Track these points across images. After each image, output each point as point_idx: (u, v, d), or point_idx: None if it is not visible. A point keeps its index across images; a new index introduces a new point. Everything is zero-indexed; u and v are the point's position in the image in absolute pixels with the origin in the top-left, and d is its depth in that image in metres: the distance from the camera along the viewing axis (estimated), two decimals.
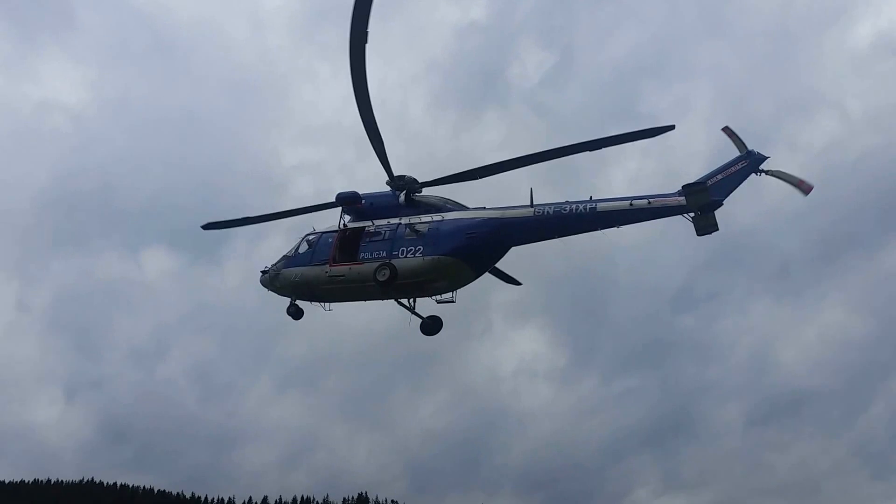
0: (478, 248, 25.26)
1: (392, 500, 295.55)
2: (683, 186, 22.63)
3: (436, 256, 25.10)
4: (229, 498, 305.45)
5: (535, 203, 25.48)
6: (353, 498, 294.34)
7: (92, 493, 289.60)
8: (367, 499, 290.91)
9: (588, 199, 24.50)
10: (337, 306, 29.63)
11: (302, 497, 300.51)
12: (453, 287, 26.43)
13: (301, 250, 29.24)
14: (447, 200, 28.54)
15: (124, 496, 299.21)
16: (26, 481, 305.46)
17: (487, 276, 28.66)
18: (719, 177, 23.25)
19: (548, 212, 25.01)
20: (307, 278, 28.14)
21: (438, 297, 27.47)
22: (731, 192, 23.15)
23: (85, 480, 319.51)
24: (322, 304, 29.05)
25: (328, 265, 27.76)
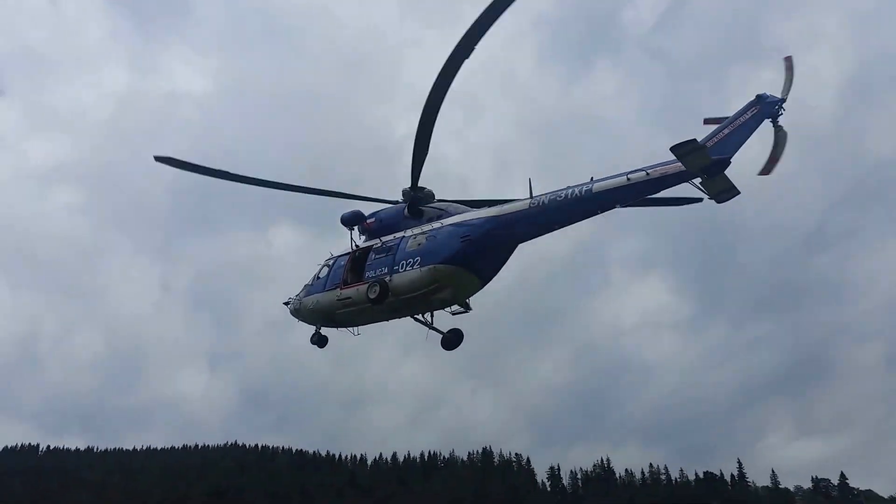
0: (475, 252, 23.34)
1: (515, 454, 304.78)
2: (671, 148, 19.15)
3: (433, 266, 23.41)
4: (361, 455, 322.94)
5: (534, 195, 23.27)
6: (477, 452, 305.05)
7: (235, 455, 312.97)
8: (490, 453, 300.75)
9: (589, 180, 22.11)
10: (367, 329, 27.92)
11: (428, 453, 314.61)
12: (459, 296, 24.62)
13: (320, 276, 28.15)
14: (453, 204, 26.44)
15: (265, 456, 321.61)
16: (176, 447, 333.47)
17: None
18: (726, 131, 19.95)
19: (544, 202, 22.89)
20: (322, 305, 27.15)
21: (452, 310, 25.84)
22: (741, 145, 19.85)
23: (228, 444, 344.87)
24: (349, 328, 27.79)
25: (339, 289, 26.71)
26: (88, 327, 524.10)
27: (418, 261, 24.25)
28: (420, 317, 26.72)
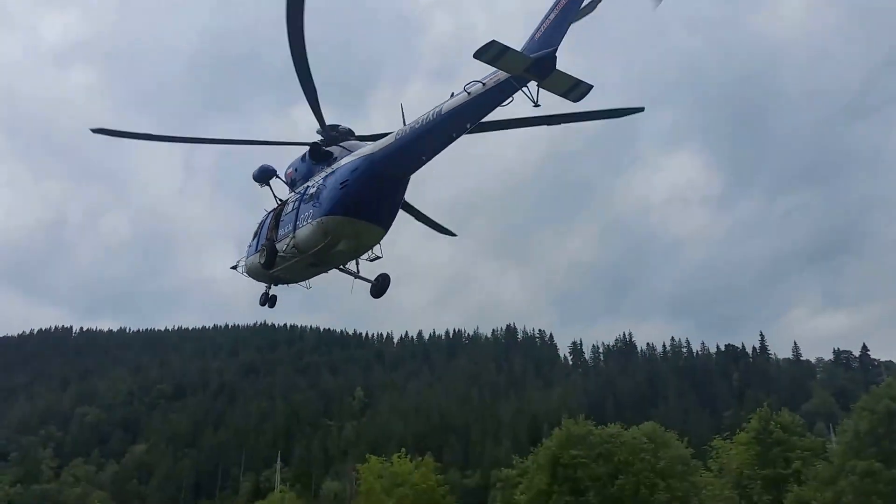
0: (356, 199, 21.02)
1: (539, 330, 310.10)
2: (474, 55, 16.43)
3: (320, 219, 21.47)
4: (387, 333, 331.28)
5: (406, 123, 20.92)
6: (501, 329, 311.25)
7: (266, 334, 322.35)
8: (514, 329, 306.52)
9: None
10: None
11: (453, 330, 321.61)
12: (361, 247, 22.52)
13: (254, 236, 26.63)
14: (359, 142, 23.50)
15: (294, 335, 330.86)
16: (208, 327, 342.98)
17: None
18: (543, 27, 17.19)
19: (405, 133, 20.50)
20: (255, 266, 25.50)
21: (367, 257, 23.87)
22: (565, 33, 16.87)
23: (258, 324, 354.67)
24: (299, 283, 26.03)
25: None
26: (115, 212, 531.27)
27: (311, 214, 22.34)
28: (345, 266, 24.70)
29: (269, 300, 26.60)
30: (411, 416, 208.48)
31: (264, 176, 26.03)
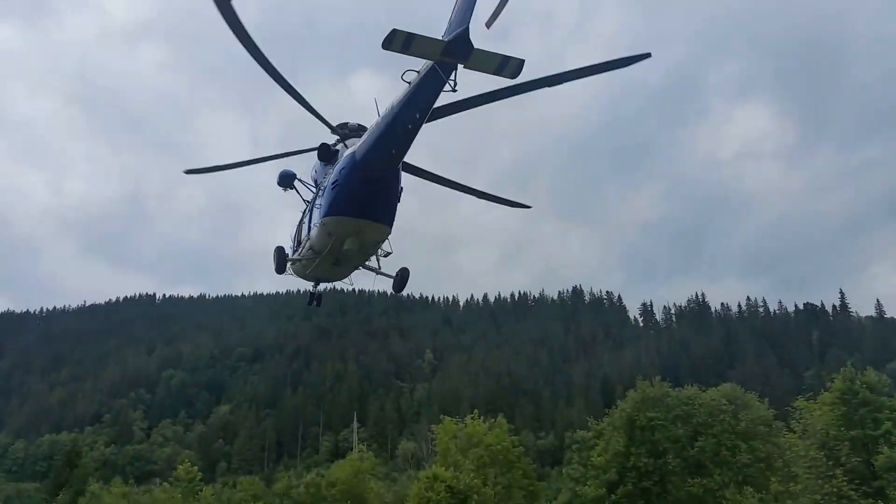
0: (346, 196, 20.33)
1: (606, 291, 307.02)
2: (382, 45, 15.74)
3: (322, 220, 20.91)
4: (453, 297, 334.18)
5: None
6: (567, 291, 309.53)
7: (336, 299, 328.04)
8: (581, 291, 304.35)
9: None
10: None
11: (519, 293, 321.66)
12: (367, 245, 21.75)
13: (293, 237, 26.36)
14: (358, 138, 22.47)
15: (362, 300, 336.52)
16: (281, 292, 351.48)
17: None
18: (455, 8, 16.20)
19: (373, 127, 19.80)
20: (294, 267, 25.19)
21: (380, 254, 23.34)
22: (472, 10, 15.94)
23: (328, 289, 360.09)
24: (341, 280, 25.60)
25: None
26: (190, 182, 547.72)
27: (316, 216, 22.05)
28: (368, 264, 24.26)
29: (314, 299, 26.56)
30: (481, 379, 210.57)
31: (285, 181, 25.95)
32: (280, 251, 22.61)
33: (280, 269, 22.77)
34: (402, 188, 21.31)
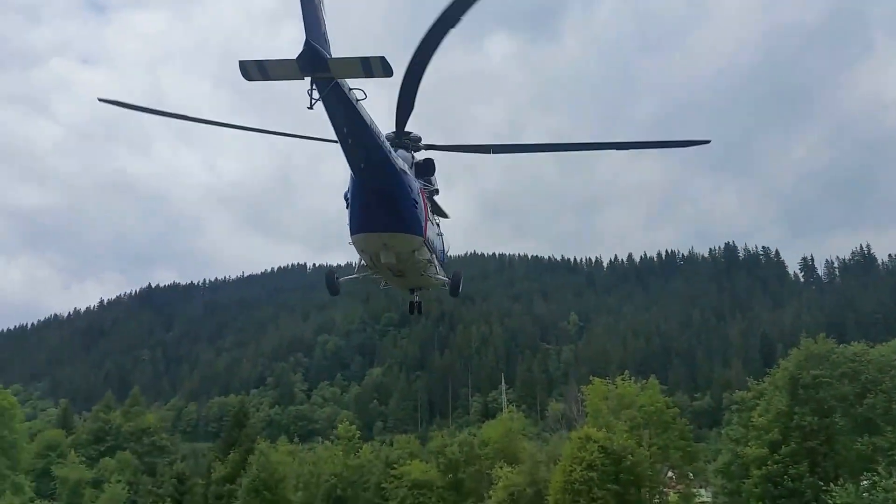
0: (356, 212, 20.20)
1: (762, 247, 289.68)
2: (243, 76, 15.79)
3: (351, 237, 20.57)
4: (596, 258, 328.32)
5: None
6: (719, 248, 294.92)
7: (476, 263, 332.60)
8: (734, 247, 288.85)
9: None
10: None
11: (666, 252, 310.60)
12: (402, 255, 21.14)
13: None
14: (408, 150, 22.10)
15: (503, 263, 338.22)
16: None
17: None
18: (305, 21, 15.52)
19: None
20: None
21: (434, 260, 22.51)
22: (321, 20, 15.57)
23: (468, 253, 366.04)
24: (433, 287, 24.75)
25: None
26: (332, 155, 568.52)
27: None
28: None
29: (414, 308, 25.65)
30: (629, 339, 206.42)
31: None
32: (329, 275, 22.18)
33: (333, 292, 22.33)
34: (434, 188, 20.91)
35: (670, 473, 70.88)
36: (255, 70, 15.15)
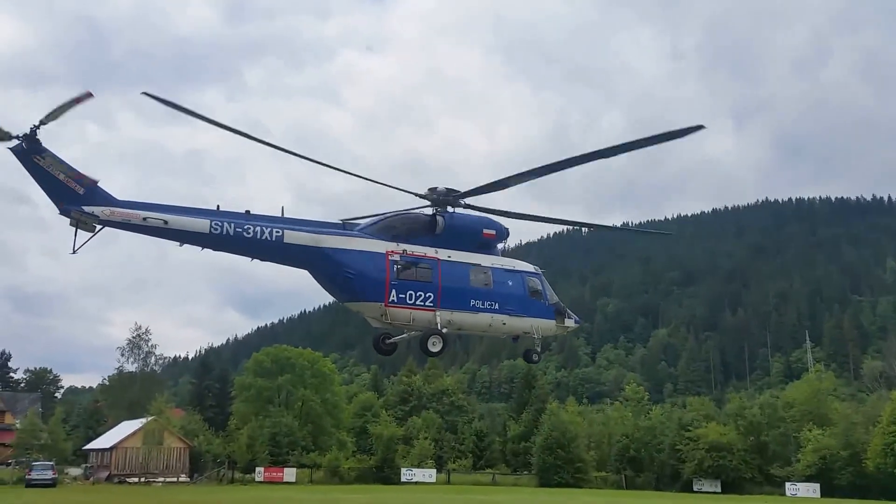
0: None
1: None
2: None
3: None
4: None
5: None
6: None
7: (771, 212, 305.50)
8: None
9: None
10: None
11: None
12: (384, 322, 20.20)
13: None
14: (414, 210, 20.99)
15: (801, 209, 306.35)
16: (706, 211, 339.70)
17: None
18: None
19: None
20: None
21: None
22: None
23: (760, 201, 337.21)
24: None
25: None
26: (610, 110, 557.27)
27: None
28: None
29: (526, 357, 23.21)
30: None
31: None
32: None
33: (381, 352, 22.62)
34: (397, 260, 19.35)
35: None
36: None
